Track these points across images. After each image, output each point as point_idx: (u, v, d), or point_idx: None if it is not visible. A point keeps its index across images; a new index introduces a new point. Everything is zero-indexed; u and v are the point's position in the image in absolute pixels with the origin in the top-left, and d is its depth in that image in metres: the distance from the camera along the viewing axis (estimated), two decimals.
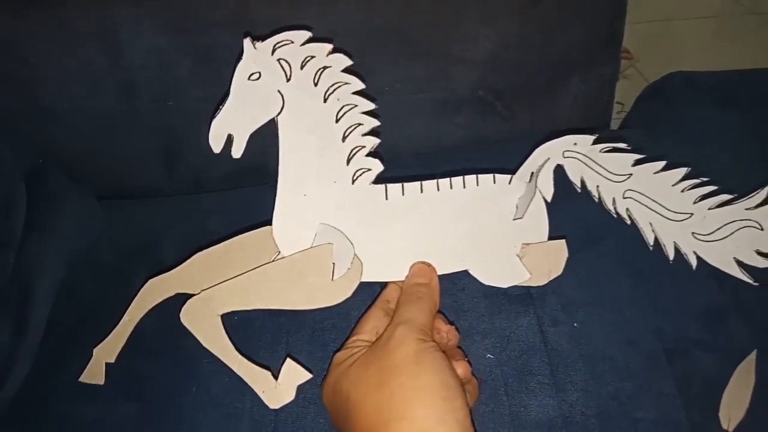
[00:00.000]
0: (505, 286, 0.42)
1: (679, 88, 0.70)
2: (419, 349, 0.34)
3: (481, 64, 0.62)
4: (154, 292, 0.42)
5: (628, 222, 0.43)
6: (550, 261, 0.42)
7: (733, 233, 0.42)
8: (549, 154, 0.43)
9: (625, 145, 0.44)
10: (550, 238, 0.43)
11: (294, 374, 0.39)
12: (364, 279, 0.40)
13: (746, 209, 0.42)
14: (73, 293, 0.51)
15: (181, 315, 0.39)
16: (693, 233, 0.43)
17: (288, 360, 0.39)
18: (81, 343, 0.47)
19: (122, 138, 0.61)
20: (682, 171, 0.44)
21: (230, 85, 0.39)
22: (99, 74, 0.57)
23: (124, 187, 0.64)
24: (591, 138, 0.43)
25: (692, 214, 0.43)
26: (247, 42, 0.38)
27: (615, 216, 0.44)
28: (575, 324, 0.44)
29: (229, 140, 0.39)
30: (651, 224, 0.43)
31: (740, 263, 0.42)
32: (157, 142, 0.62)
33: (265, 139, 0.63)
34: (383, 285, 0.42)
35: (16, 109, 0.58)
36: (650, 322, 0.44)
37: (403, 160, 0.64)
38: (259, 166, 0.64)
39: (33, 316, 0.47)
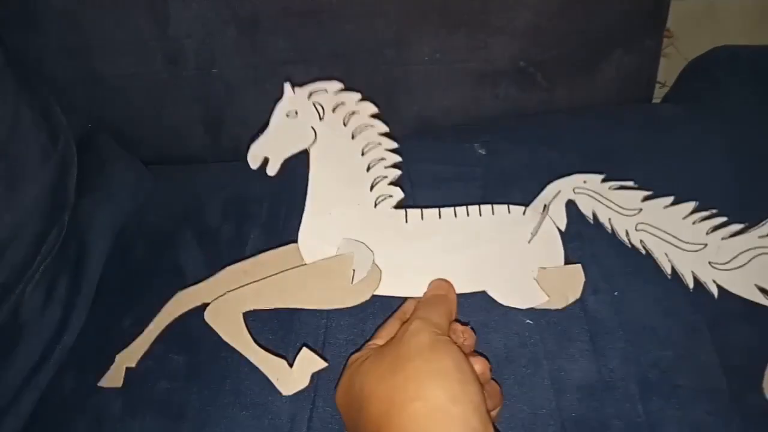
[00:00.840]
0: (523, 307, 0.43)
1: (723, 63, 0.69)
2: (434, 340, 0.33)
3: (520, 35, 0.61)
4: (181, 302, 0.44)
5: (643, 252, 0.45)
6: (567, 285, 0.43)
7: (750, 261, 0.44)
8: (559, 188, 0.48)
9: (633, 183, 0.48)
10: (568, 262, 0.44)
11: (309, 362, 0.40)
12: (383, 292, 0.42)
13: (759, 237, 0.44)
14: (123, 253, 0.53)
15: (205, 314, 0.41)
16: (710, 263, 0.44)
17: (304, 349, 0.40)
18: (131, 299, 0.49)
19: (168, 106, 0.62)
20: (691, 205, 0.46)
21: (269, 118, 0.45)
22: (147, 43, 0.59)
23: (169, 154, 0.66)
24: (599, 177, 0.48)
25: (706, 244, 0.44)
26: (287, 86, 0.45)
27: (630, 247, 0.46)
28: (615, 293, 0.44)
29: (266, 161, 0.44)
30: (666, 254, 0.45)
31: (762, 290, 0.42)
32: (202, 110, 0.63)
33: None
34: (402, 301, 0.43)
35: (68, 77, 0.60)
36: (691, 293, 0.44)
37: (441, 131, 0.64)
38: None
39: (88, 271, 0.49)
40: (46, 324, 0.46)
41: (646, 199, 0.47)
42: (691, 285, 0.43)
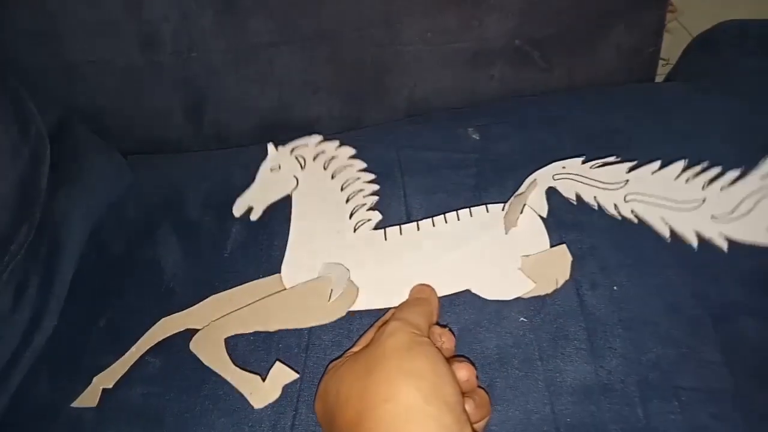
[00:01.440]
0: (508, 298, 0.42)
1: (730, 37, 0.65)
2: (412, 340, 0.32)
3: (516, 11, 0.58)
4: (165, 328, 0.43)
5: (636, 222, 0.44)
6: (555, 268, 0.42)
7: (756, 205, 0.42)
8: (536, 178, 0.47)
9: (615, 158, 0.47)
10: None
11: (281, 375, 0.40)
12: (365, 307, 0.42)
13: (761, 178, 0.42)
14: (100, 248, 0.50)
15: (190, 344, 0.42)
16: (712, 216, 0.42)
17: (277, 362, 0.40)
18: (108, 298, 0.47)
19: (146, 92, 0.60)
20: (680, 164, 0.45)
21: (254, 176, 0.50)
22: (121, 27, 0.56)
23: (148, 142, 0.63)
24: (579, 159, 0.48)
25: (704, 199, 0.43)
26: (270, 146, 0.51)
27: (620, 219, 0.44)
28: (614, 287, 0.42)
29: (250, 209, 0.49)
30: (663, 218, 0.43)
31: None
32: (181, 96, 0.60)
33: (288, 92, 0.62)
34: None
35: (39, 64, 0.57)
36: (694, 286, 0.41)
37: (435, 115, 0.61)
38: (281, 121, 0.63)
39: (60, 269, 0.47)
40: (16, 326, 0.44)
41: (631, 169, 0.46)
42: (695, 244, 0.41)
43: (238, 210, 0.48)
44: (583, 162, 0.48)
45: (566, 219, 0.45)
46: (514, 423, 0.36)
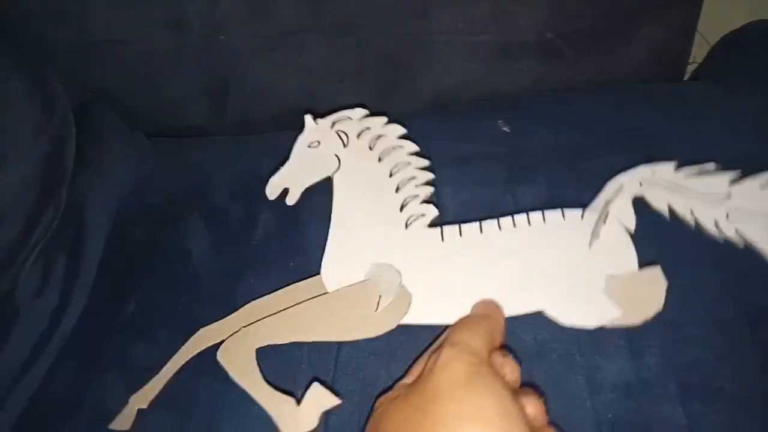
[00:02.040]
0: (591, 326, 0.37)
1: (758, 37, 0.65)
2: (470, 372, 0.27)
3: (547, 4, 0.57)
4: (202, 339, 0.40)
5: (742, 246, 0.38)
6: (646, 294, 0.37)
7: None
8: (622, 184, 0.41)
9: (714, 166, 0.40)
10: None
11: (320, 399, 0.35)
12: (419, 320, 0.37)
13: None
14: (124, 233, 0.50)
15: (219, 353, 0.38)
16: None
17: (315, 384, 0.36)
18: (135, 283, 0.46)
19: (170, 75, 0.59)
20: None
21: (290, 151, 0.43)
22: (148, 7, 0.55)
23: (170, 126, 0.62)
24: (671, 164, 0.40)
25: None
26: (308, 118, 0.43)
27: (722, 241, 0.38)
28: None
29: (285, 191, 0.42)
30: None
31: None
32: (206, 80, 0.60)
33: (314, 80, 0.61)
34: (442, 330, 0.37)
35: (65, 43, 0.56)
36: (732, 288, 0.41)
37: (460, 107, 0.61)
38: (306, 109, 0.62)
39: (87, 252, 0.46)
40: (43, 308, 0.43)
41: (734, 182, 0.39)
42: None
43: (271, 190, 0.41)
44: (676, 169, 0.40)
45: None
46: (555, 417, 0.36)
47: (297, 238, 0.47)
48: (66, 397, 0.41)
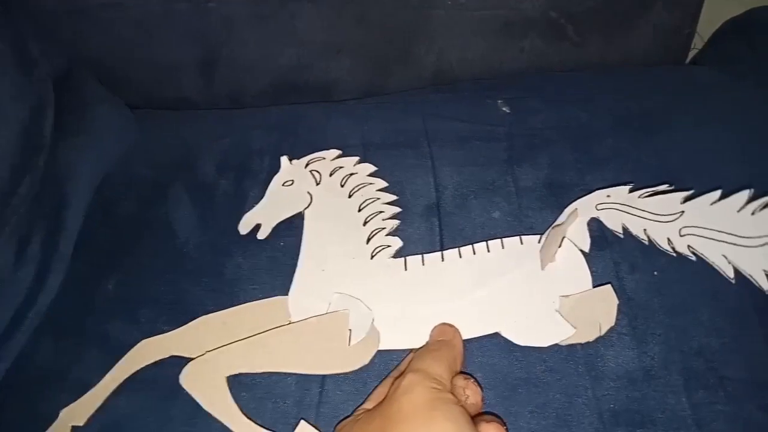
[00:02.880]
0: (544, 345, 0.37)
1: (763, 24, 0.64)
2: (432, 398, 0.28)
3: None
4: (146, 353, 0.38)
5: (694, 259, 0.39)
6: (598, 311, 0.37)
7: None
8: (577, 207, 0.42)
9: (667, 186, 0.42)
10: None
11: None
12: (383, 347, 0.37)
13: None
14: (106, 207, 0.47)
15: (181, 377, 0.36)
16: None
17: (302, 422, 0.34)
18: (117, 259, 0.44)
19: (158, 42, 0.56)
20: (744, 195, 0.40)
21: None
22: None
23: (156, 98, 0.59)
24: (626, 188, 0.43)
25: None
26: (284, 159, 0.47)
27: (675, 255, 0.40)
28: (654, 272, 0.40)
29: (257, 226, 0.44)
30: (725, 256, 0.39)
31: None
32: (195, 49, 0.57)
33: (308, 52, 0.58)
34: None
35: (51, 7, 0.52)
36: (738, 273, 0.40)
37: (461, 84, 0.59)
38: (298, 82, 0.60)
39: (66, 225, 0.44)
40: (19, 284, 0.40)
41: (687, 199, 0.41)
42: (765, 286, 0.37)
43: (244, 227, 0.43)
44: (631, 191, 0.43)
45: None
46: (556, 406, 0.35)
47: (286, 219, 0.45)
48: (42, 374, 0.38)
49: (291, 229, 0.44)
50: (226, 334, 0.38)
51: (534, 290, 0.39)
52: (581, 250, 0.40)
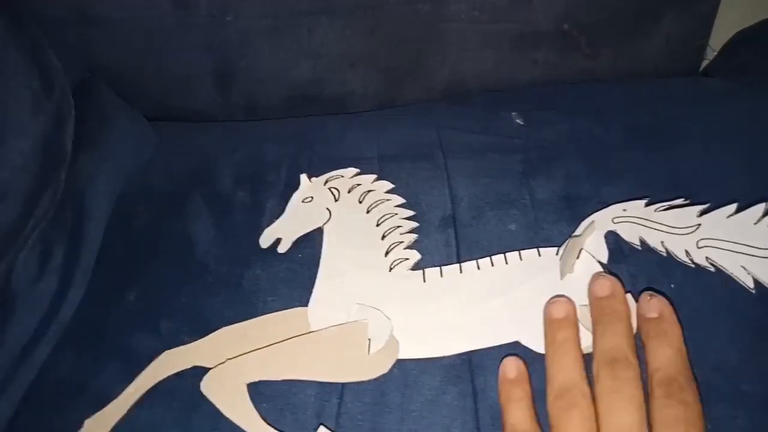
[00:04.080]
0: None
1: None
2: None
3: None
4: (168, 364, 0.39)
5: (712, 270, 0.39)
6: None
7: None
8: (594, 220, 0.43)
9: (683, 200, 0.42)
10: None
11: None
12: (402, 356, 0.38)
13: None
14: (126, 218, 0.48)
15: (202, 385, 0.37)
16: None
17: (321, 427, 0.35)
18: (137, 271, 0.44)
19: (174, 55, 0.56)
20: (761, 207, 0.40)
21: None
22: None
23: (172, 109, 0.60)
24: (642, 201, 0.43)
25: None
26: (303, 177, 0.48)
27: (693, 267, 0.39)
28: (672, 285, 0.40)
29: (277, 240, 0.45)
30: (744, 267, 0.39)
31: None
32: (211, 62, 0.57)
33: (323, 65, 0.59)
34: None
35: (63, 17, 0.53)
36: (758, 283, 0.40)
37: (473, 97, 0.59)
38: (313, 95, 0.61)
39: (87, 238, 0.44)
40: (42, 295, 0.41)
41: (703, 213, 0.41)
42: None
43: (265, 241, 0.44)
44: (647, 204, 0.43)
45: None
46: None
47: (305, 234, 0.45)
48: (66, 385, 0.39)
49: (309, 241, 0.44)
50: (248, 345, 0.38)
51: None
52: (599, 261, 0.40)
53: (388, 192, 0.47)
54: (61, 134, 0.46)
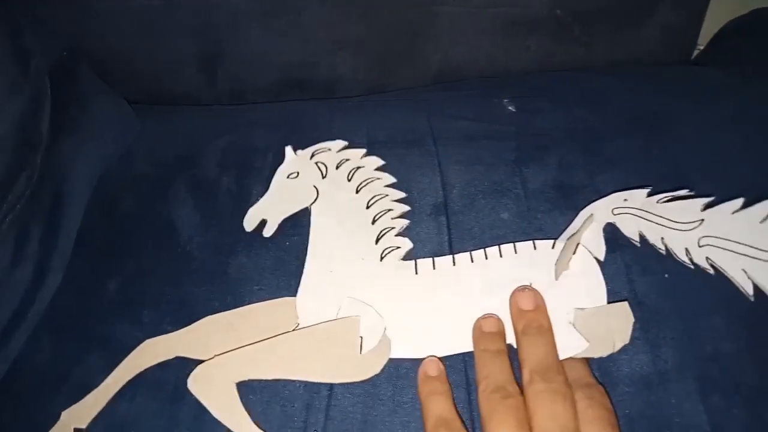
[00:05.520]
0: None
1: (765, 24, 0.64)
2: None
3: None
4: (149, 354, 0.37)
5: (711, 272, 0.38)
6: (613, 327, 0.36)
7: None
8: (593, 212, 0.41)
9: (688, 191, 0.40)
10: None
11: None
12: (392, 355, 0.37)
13: None
14: (107, 203, 0.46)
15: (189, 381, 0.35)
16: None
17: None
18: (118, 259, 0.43)
19: (159, 36, 0.54)
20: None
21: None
22: None
23: (157, 93, 0.58)
24: (644, 191, 0.41)
25: None
26: (288, 149, 0.46)
27: (692, 268, 0.38)
28: (666, 275, 0.40)
29: (263, 222, 0.42)
30: (745, 271, 0.37)
31: None
32: (197, 44, 0.56)
33: (313, 48, 0.57)
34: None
35: None
36: (757, 289, 0.39)
37: (467, 83, 0.58)
38: (302, 79, 0.59)
39: (64, 223, 0.42)
40: (17, 283, 0.39)
41: (707, 206, 0.39)
42: None
43: (249, 223, 0.42)
44: (649, 194, 0.41)
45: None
46: None
47: (291, 216, 0.44)
48: (42, 377, 0.37)
49: (296, 227, 0.43)
50: (233, 335, 0.37)
51: (548, 300, 0.37)
52: (596, 258, 0.39)
53: (378, 169, 0.45)
54: (36, 117, 0.44)
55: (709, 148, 0.47)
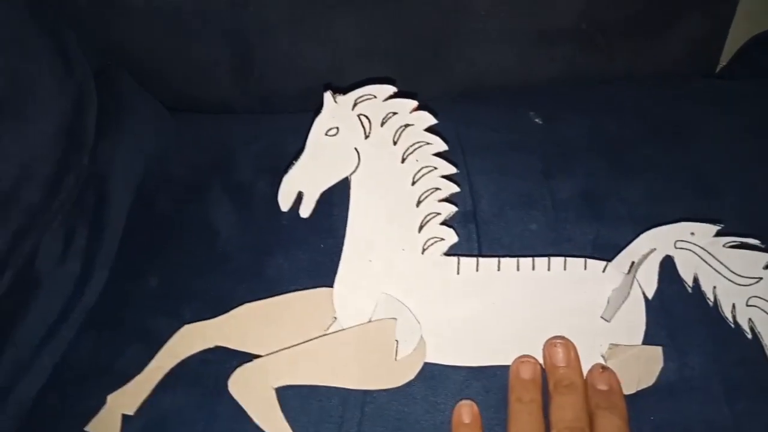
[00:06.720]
0: None
1: None
2: None
3: None
4: (189, 339, 0.38)
5: (749, 335, 0.37)
6: (641, 368, 0.36)
7: None
8: (656, 242, 0.39)
9: (759, 242, 0.38)
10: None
11: None
12: (428, 360, 0.37)
13: None
14: (147, 204, 0.48)
15: (229, 383, 0.36)
16: None
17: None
18: (159, 257, 0.44)
19: (192, 42, 0.56)
20: None
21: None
22: None
23: (189, 99, 0.59)
24: (714, 228, 0.38)
25: None
26: (327, 95, 0.39)
27: (732, 325, 0.38)
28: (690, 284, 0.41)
29: (299, 197, 0.38)
30: None
31: None
32: (230, 51, 0.57)
33: (341, 56, 0.59)
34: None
35: (83, 4, 0.52)
36: None
37: (491, 94, 0.59)
38: (330, 87, 0.60)
39: (109, 222, 0.44)
40: (66, 277, 0.41)
41: None
42: None
43: (284, 197, 0.38)
44: (718, 233, 0.38)
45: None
46: None
47: (326, 219, 0.45)
48: (88, 366, 0.39)
49: (331, 231, 0.44)
50: (270, 325, 0.38)
51: (585, 327, 0.37)
52: (644, 293, 0.38)
53: (428, 130, 0.40)
54: (83, 118, 0.46)
55: (731, 157, 0.48)
